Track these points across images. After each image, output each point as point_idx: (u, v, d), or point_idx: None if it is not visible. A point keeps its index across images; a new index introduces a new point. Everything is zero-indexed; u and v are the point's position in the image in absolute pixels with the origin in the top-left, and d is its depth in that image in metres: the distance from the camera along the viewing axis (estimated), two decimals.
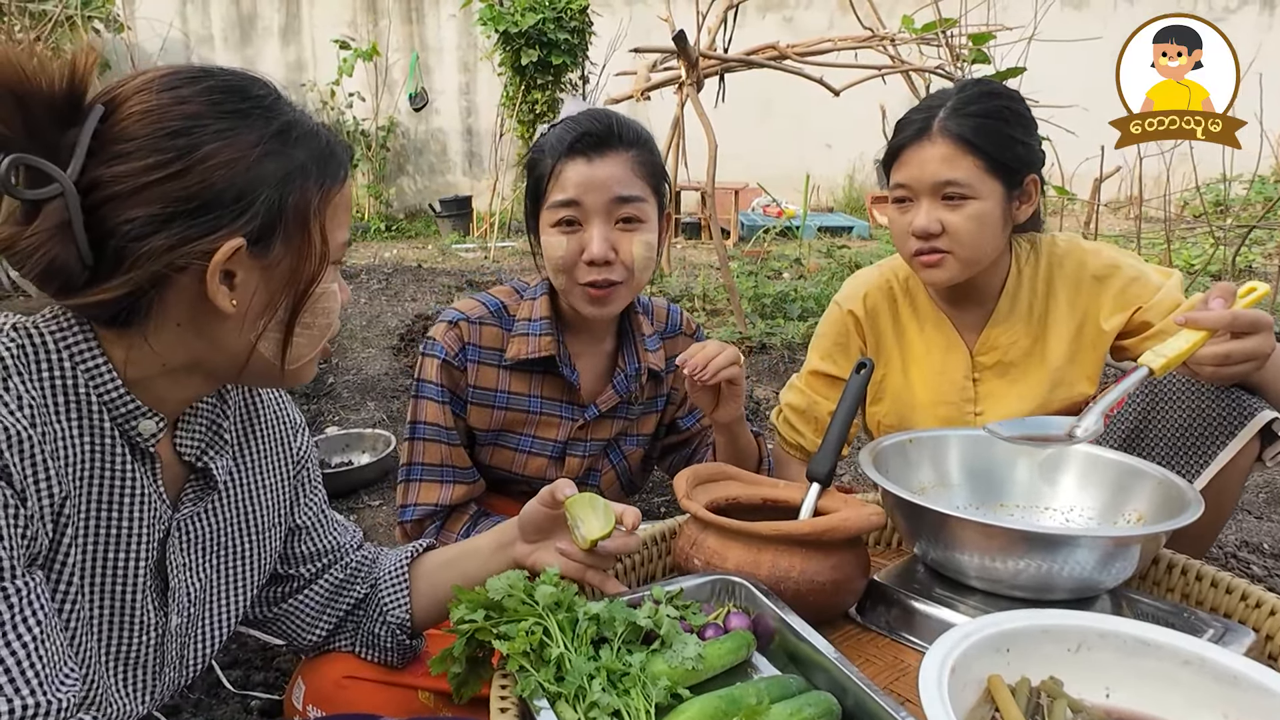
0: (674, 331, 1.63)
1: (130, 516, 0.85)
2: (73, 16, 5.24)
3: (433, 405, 1.46)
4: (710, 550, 1.06)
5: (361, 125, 8.47)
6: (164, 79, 0.80)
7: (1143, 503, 1.15)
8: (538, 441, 1.51)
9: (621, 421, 1.56)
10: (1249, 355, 1.13)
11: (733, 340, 3.90)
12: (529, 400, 1.49)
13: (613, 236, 1.37)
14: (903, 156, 1.45)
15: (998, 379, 1.56)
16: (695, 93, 3.98)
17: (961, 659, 0.82)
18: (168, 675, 0.95)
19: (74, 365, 0.81)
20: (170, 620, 0.93)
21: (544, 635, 0.85)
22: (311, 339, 0.90)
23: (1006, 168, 1.41)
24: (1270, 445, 1.27)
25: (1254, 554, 2.00)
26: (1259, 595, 1.07)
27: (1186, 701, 0.84)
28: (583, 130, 1.36)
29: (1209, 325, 1.13)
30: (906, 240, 1.47)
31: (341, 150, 0.90)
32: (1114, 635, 0.88)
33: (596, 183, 1.35)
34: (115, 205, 0.76)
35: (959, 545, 1.06)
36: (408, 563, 1.17)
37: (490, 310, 1.49)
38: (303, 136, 0.85)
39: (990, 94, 1.44)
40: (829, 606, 1.06)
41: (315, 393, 3.37)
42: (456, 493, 1.47)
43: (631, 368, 1.53)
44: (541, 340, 1.46)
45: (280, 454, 1.07)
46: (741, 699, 0.78)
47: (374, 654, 1.17)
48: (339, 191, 0.88)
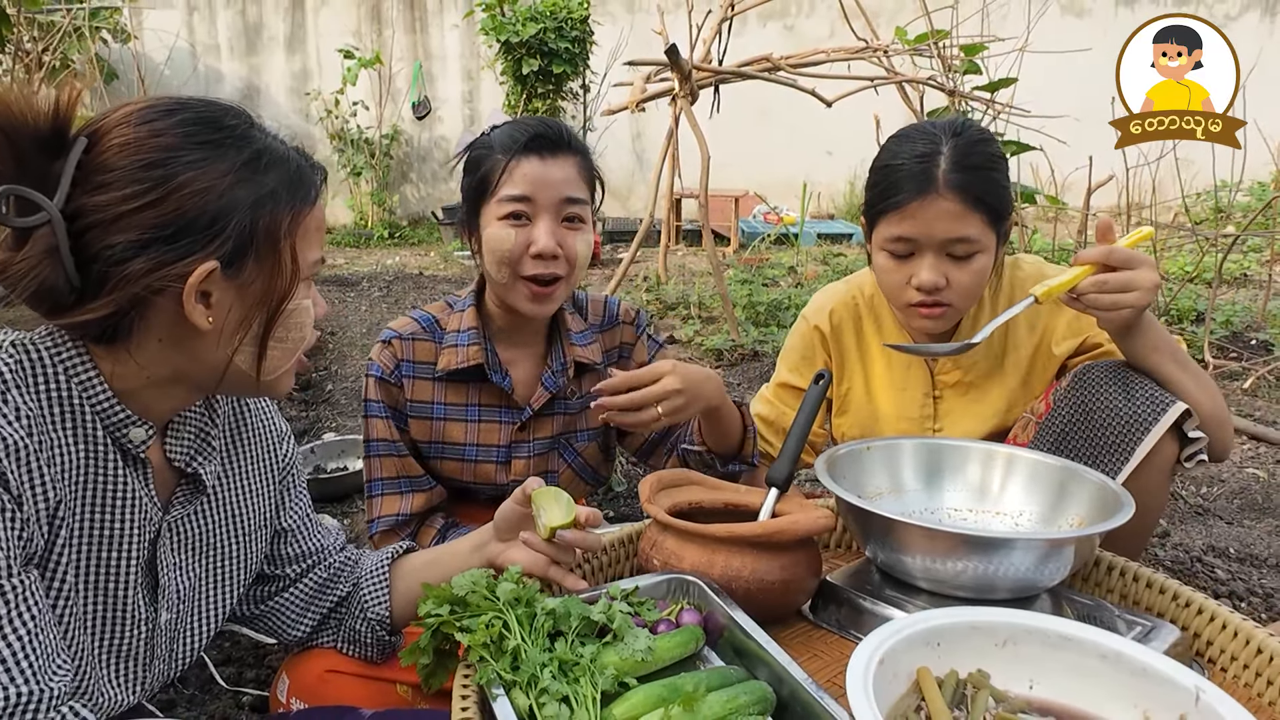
0: (612, 323, 1.67)
1: (122, 518, 0.92)
2: (80, 28, 5.34)
3: (379, 422, 1.53)
4: (668, 551, 1.13)
5: (365, 133, 8.56)
6: (141, 112, 0.87)
7: (1083, 506, 1.21)
8: (481, 449, 1.56)
9: (561, 418, 1.60)
10: (1122, 286, 1.27)
11: (724, 348, 3.97)
12: (466, 409, 1.55)
13: (559, 233, 1.44)
14: (905, 209, 1.40)
15: (958, 398, 1.61)
16: (689, 104, 4.04)
17: (891, 652, 0.88)
18: (157, 667, 1.02)
19: (68, 378, 0.88)
20: (160, 616, 0.99)
21: (503, 628, 0.91)
22: (286, 351, 0.96)
23: (1001, 217, 1.43)
24: (1186, 447, 1.32)
25: (1219, 558, 2.05)
26: (1188, 595, 1.13)
27: (1103, 693, 0.90)
28: (536, 132, 1.44)
29: (1089, 259, 1.30)
30: (903, 291, 1.45)
31: (311, 173, 0.96)
32: (1039, 631, 0.94)
33: (549, 181, 1.43)
34: (98, 232, 0.83)
35: (905, 548, 1.12)
36: (388, 563, 1.24)
37: (423, 326, 1.55)
38: (273, 162, 0.91)
39: (981, 141, 1.43)
40: (780, 605, 1.12)
41: (314, 399, 3.44)
42: (416, 501, 1.53)
43: (557, 364, 1.57)
44: (470, 350, 1.51)
45: (266, 460, 1.14)
46: (682, 687, 0.84)
47: (355, 649, 1.24)
48: (309, 212, 0.94)
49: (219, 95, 6.15)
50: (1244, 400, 3.31)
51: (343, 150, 8.55)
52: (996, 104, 4.21)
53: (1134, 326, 1.32)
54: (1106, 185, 4.27)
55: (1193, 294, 4.59)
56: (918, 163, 1.40)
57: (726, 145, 6.58)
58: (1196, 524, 2.28)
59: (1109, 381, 1.36)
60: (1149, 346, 1.33)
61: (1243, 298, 4.92)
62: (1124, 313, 1.28)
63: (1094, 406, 1.36)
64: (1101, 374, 1.37)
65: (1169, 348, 1.34)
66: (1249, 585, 1.92)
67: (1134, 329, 1.32)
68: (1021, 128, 4.20)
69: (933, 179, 1.38)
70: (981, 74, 4.30)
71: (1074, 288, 1.30)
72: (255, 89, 8.90)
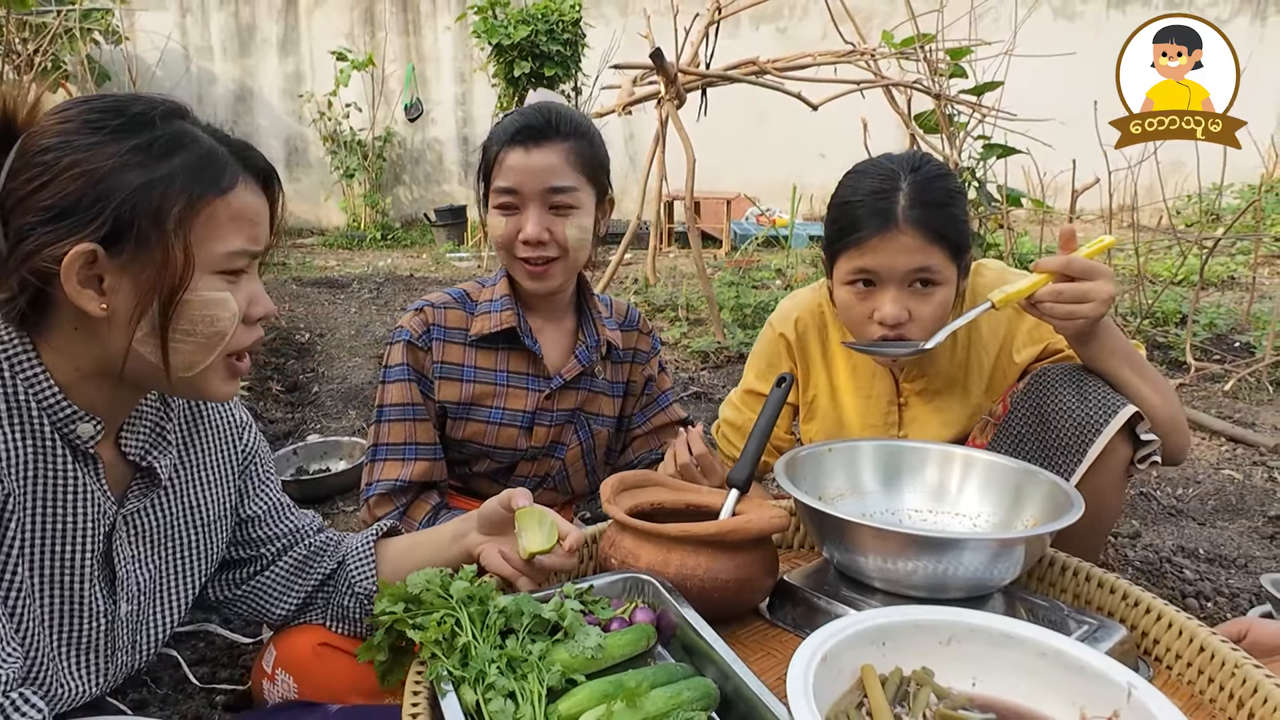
0: (631, 326, 1.77)
1: (74, 512, 0.94)
2: (72, 29, 5.34)
3: (397, 386, 1.57)
4: (625, 550, 1.14)
5: (358, 135, 8.58)
6: (69, 103, 0.90)
7: (1037, 507, 1.23)
8: (507, 413, 1.61)
9: (584, 393, 1.67)
10: (1078, 296, 1.29)
11: (710, 350, 3.99)
12: (495, 374, 1.61)
13: (546, 220, 1.51)
14: (866, 245, 1.41)
15: (923, 405, 1.63)
16: (674, 108, 4.06)
17: (834, 649, 0.90)
18: (119, 659, 1.03)
19: (14, 374, 0.90)
20: (120, 607, 1.01)
21: (455, 625, 0.93)
22: (199, 347, 0.94)
23: (961, 250, 1.44)
24: (1139, 449, 1.34)
25: (1189, 559, 2.06)
26: (1137, 595, 1.15)
27: (1042, 688, 0.92)
28: (524, 123, 1.50)
29: (1048, 268, 1.32)
30: (866, 325, 1.45)
31: (227, 161, 0.95)
32: (981, 629, 0.96)
33: (532, 171, 1.49)
34: (12, 215, 0.86)
35: (858, 548, 1.13)
36: (373, 541, 1.26)
37: (454, 298, 1.63)
38: (176, 149, 0.91)
39: (939, 176, 1.44)
40: (734, 603, 1.14)
41: (299, 401, 3.46)
42: (417, 469, 1.56)
43: (591, 340, 1.66)
44: (502, 315, 1.59)
45: (226, 451, 1.16)
46: (626, 683, 0.86)
47: (344, 627, 1.25)
48: (219, 201, 0.93)
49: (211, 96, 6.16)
50: (1224, 402, 3.34)
51: (335, 152, 8.57)
52: (982, 107, 4.23)
53: (1092, 333, 1.34)
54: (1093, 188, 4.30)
55: (1177, 296, 4.61)
56: (876, 199, 1.40)
57: (719, 148, 6.61)
58: (1169, 525, 2.30)
59: (1063, 384, 1.38)
60: (1106, 351, 1.35)
61: (1229, 300, 4.95)
62: (1078, 322, 1.30)
63: (1049, 408, 1.38)
64: (1057, 376, 1.39)
65: (1125, 353, 1.36)
66: (1216, 585, 1.94)
67: (1091, 335, 1.34)
68: (1008, 131, 4.22)
69: (892, 216, 1.39)
70: (967, 77, 4.33)
71: (1031, 295, 1.32)
72: (248, 91, 8.91)
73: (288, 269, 6.60)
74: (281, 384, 3.59)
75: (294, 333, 4.43)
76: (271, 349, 4.00)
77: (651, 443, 1.78)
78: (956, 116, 4.39)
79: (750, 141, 8.41)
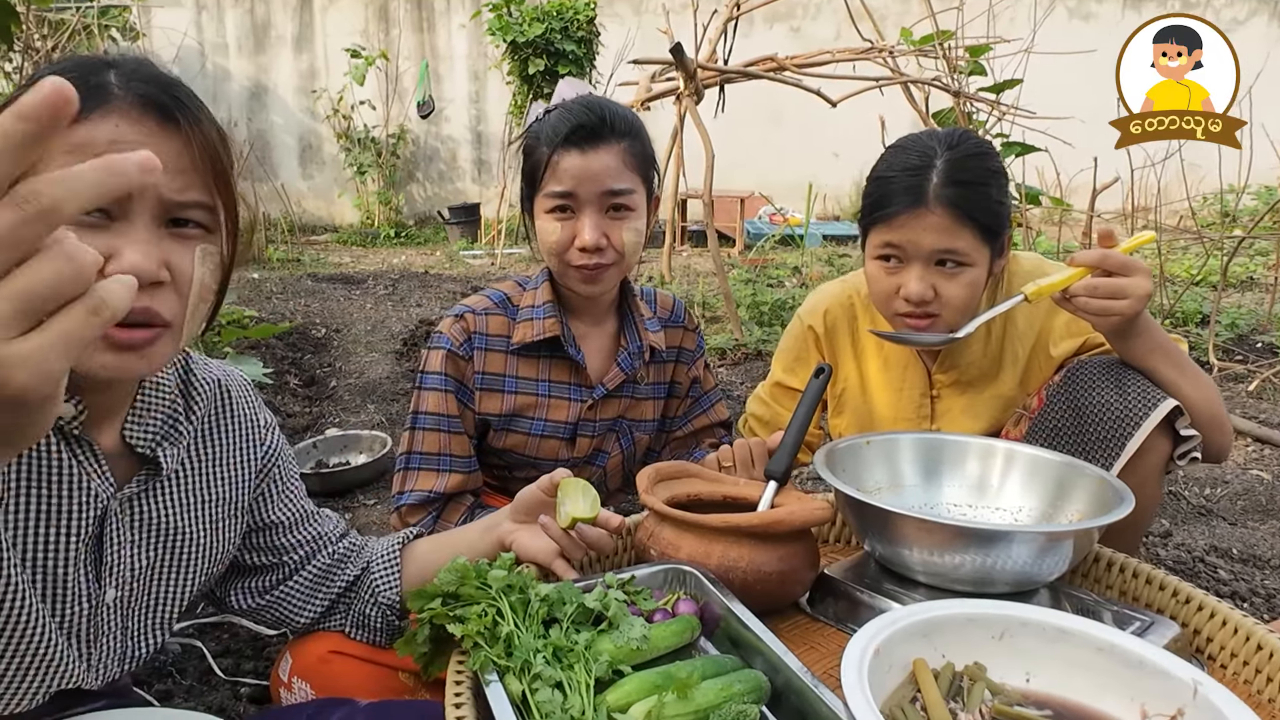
0: (676, 323, 1.70)
1: (59, 494, 0.90)
2: (90, 26, 5.36)
3: (434, 395, 1.52)
4: (665, 541, 1.12)
5: (372, 133, 8.59)
6: None
7: (1082, 501, 1.20)
8: (549, 424, 1.57)
9: (626, 401, 1.62)
10: (1113, 292, 1.26)
11: (727, 347, 3.97)
12: (537, 384, 1.56)
13: (603, 224, 1.44)
14: (894, 221, 1.40)
15: (956, 397, 1.60)
16: (693, 104, 4.05)
17: (887, 642, 0.88)
18: (108, 645, 1.00)
19: None
20: (105, 593, 0.97)
21: (496, 615, 0.91)
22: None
23: (994, 232, 1.41)
24: (1179, 445, 1.32)
25: (1222, 559, 2.03)
26: (1188, 591, 1.12)
27: (1100, 686, 0.89)
28: (577, 122, 1.42)
29: (1083, 262, 1.29)
30: (891, 300, 1.44)
31: (78, 86, 0.87)
32: (1035, 623, 0.93)
33: (590, 175, 1.42)
34: None
35: (902, 541, 1.11)
36: (399, 548, 1.23)
37: (495, 302, 1.57)
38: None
39: (975, 155, 1.41)
40: (777, 596, 1.12)
41: (317, 395, 3.45)
42: (452, 481, 1.52)
43: (634, 345, 1.60)
44: (546, 323, 1.52)
45: (247, 450, 1.12)
46: (675, 675, 0.84)
47: (364, 634, 1.22)
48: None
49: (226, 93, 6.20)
50: (1249, 403, 3.30)
51: (349, 149, 8.58)
52: (1001, 105, 4.20)
53: (1129, 330, 1.31)
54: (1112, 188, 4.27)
55: (1198, 297, 4.57)
56: (909, 176, 1.39)
57: (734, 146, 6.59)
58: (1199, 524, 2.27)
59: (1102, 377, 1.35)
60: (1145, 349, 1.32)
61: (1249, 301, 4.90)
62: (1113, 319, 1.27)
63: (1086, 402, 1.35)
64: (1094, 370, 1.37)
65: (1165, 349, 1.33)
66: (1251, 586, 1.91)
67: (1129, 332, 1.31)
68: (1027, 129, 4.19)
69: (923, 193, 1.37)
70: (986, 75, 4.30)
71: (1066, 289, 1.30)
72: (263, 88, 8.93)
73: (302, 265, 6.61)
74: (299, 378, 3.58)
75: (310, 328, 4.43)
76: (288, 344, 4.00)
77: (690, 444, 1.74)
78: (975, 114, 4.36)
79: (765, 140, 8.39)
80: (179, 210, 0.86)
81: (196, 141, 0.87)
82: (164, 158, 0.84)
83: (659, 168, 1.55)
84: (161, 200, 0.84)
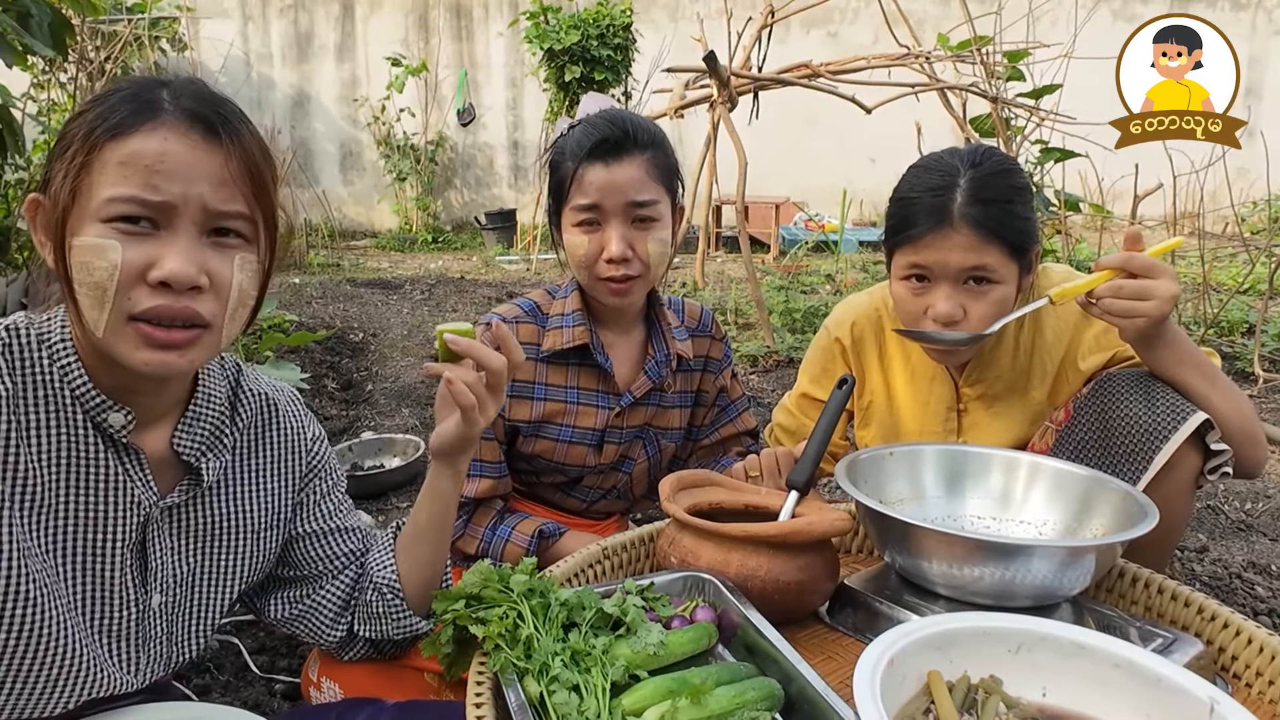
0: (704, 332, 1.72)
1: (107, 500, 0.95)
2: (141, 37, 5.52)
3: None
4: (685, 549, 1.14)
5: (411, 140, 8.73)
6: None
7: (1106, 516, 1.19)
8: (577, 431, 1.59)
9: (653, 409, 1.65)
10: (1138, 293, 1.25)
11: (759, 354, 3.97)
12: (566, 391, 1.59)
13: (630, 236, 1.47)
14: (921, 241, 1.39)
15: (983, 410, 1.59)
16: (727, 111, 4.06)
17: (901, 654, 0.88)
18: (154, 650, 1.03)
19: (51, 362, 0.91)
20: (151, 598, 1.01)
21: (517, 618, 0.93)
22: (88, 300, 0.88)
23: (1021, 249, 1.40)
24: (1210, 460, 1.30)
25: (1260, 575, 1.99)
26: (1213, 609, 1.11)
27: (1115, 702, 0.89)
28: (601, 136, 1.45)
29: (1109, 265, 1.30)
30: (920, 321, 1.43)
31: (143, 104, 0.88)
32: (1052, 638, 0.93)
33: (614, 187, 1.45)
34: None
35: (922, 553, 1.11)
36: (392, 536, 1.24)
37: (525, 310, 1.59)
38: (110, 95, 0.90)
39: (999, 172, 1.41)
40: (795, 605, 1.13)
41: (354, 399, 3.52)
42: (482, 486, 1.55)
43: (661, 354, 1.62)
44: (575, 330, 1.55)
45: (291, 462, 1.15)
46: (690, 680, 0.86)
47: (372, 627, 1.19)
48: (110, 143, 0.87)
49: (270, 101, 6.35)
50: None
51: (389, 156, 8.72)
52: (1040, 111, 4.15)
53: (1157, 339, 1.30)
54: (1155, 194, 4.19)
55: (1244, 305, 4.46)
56: (932, 196, 1.39)
57: (769, 152, 6.58)
58: (1238, 540, 2.23)
59: (1130, 389, 1.34)
60: (1174, 360, 1.31)
61: None
62: (1138, 321, 1.26)
63: (1114, 414, 1.34)
64: (1123, 382, 1.36)
65: (1194, 360, 1.32)
66: None
67: (1157, 341, 1.30)
68: (1067, 134, 4.13)
69: (947, 213, 1.37)
70: (1025, 80, 4.25)
71: (1090, 291, 1.29)
72: (306, 96, 9.11)
73: (341, 270, 6.73)
74: (336, 382, 3.66)
75: (348, 332, 4.51)
76: (326, 348, 4.08)
77: (715, 453, 1.75)
78: (1013, 120, 4.32)
79: (800, 146, 8.36)
80: (220, 220, 0.91)
81: (238, 155, 0.91)
82: (207, 170, 0.89)
83: (683, 178, 1.57)
84: (205, 210, 0.89)
